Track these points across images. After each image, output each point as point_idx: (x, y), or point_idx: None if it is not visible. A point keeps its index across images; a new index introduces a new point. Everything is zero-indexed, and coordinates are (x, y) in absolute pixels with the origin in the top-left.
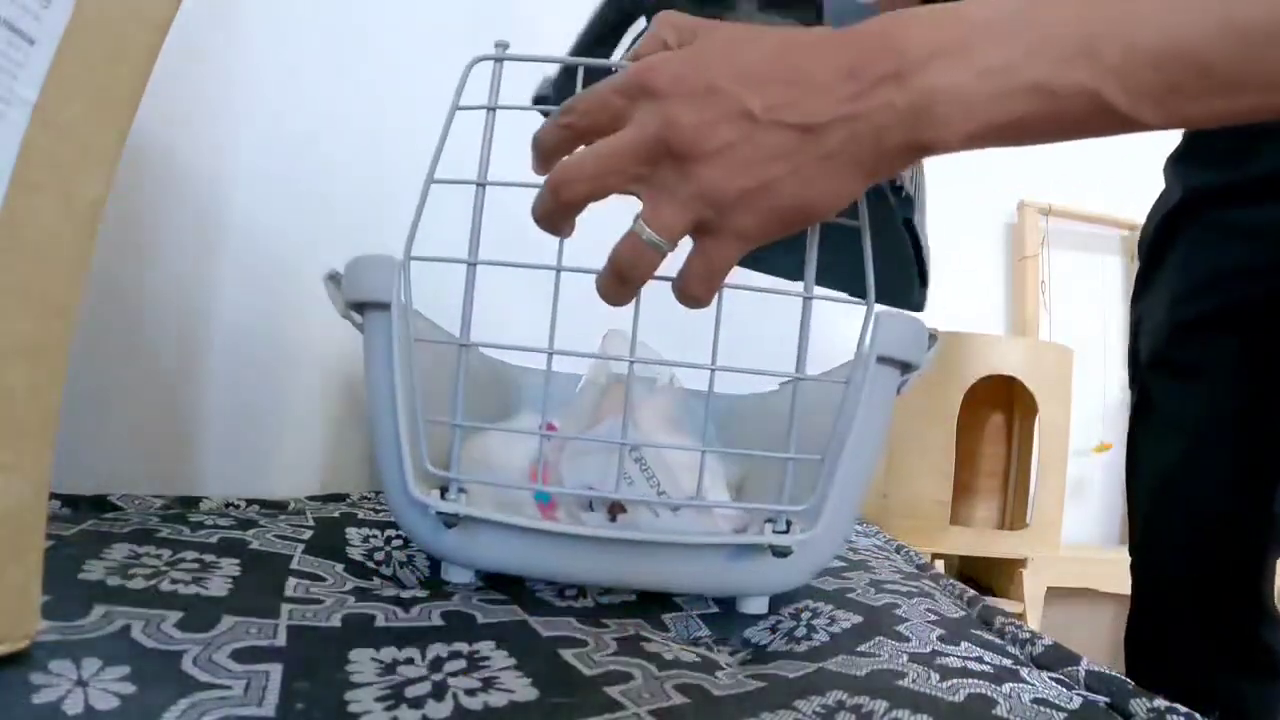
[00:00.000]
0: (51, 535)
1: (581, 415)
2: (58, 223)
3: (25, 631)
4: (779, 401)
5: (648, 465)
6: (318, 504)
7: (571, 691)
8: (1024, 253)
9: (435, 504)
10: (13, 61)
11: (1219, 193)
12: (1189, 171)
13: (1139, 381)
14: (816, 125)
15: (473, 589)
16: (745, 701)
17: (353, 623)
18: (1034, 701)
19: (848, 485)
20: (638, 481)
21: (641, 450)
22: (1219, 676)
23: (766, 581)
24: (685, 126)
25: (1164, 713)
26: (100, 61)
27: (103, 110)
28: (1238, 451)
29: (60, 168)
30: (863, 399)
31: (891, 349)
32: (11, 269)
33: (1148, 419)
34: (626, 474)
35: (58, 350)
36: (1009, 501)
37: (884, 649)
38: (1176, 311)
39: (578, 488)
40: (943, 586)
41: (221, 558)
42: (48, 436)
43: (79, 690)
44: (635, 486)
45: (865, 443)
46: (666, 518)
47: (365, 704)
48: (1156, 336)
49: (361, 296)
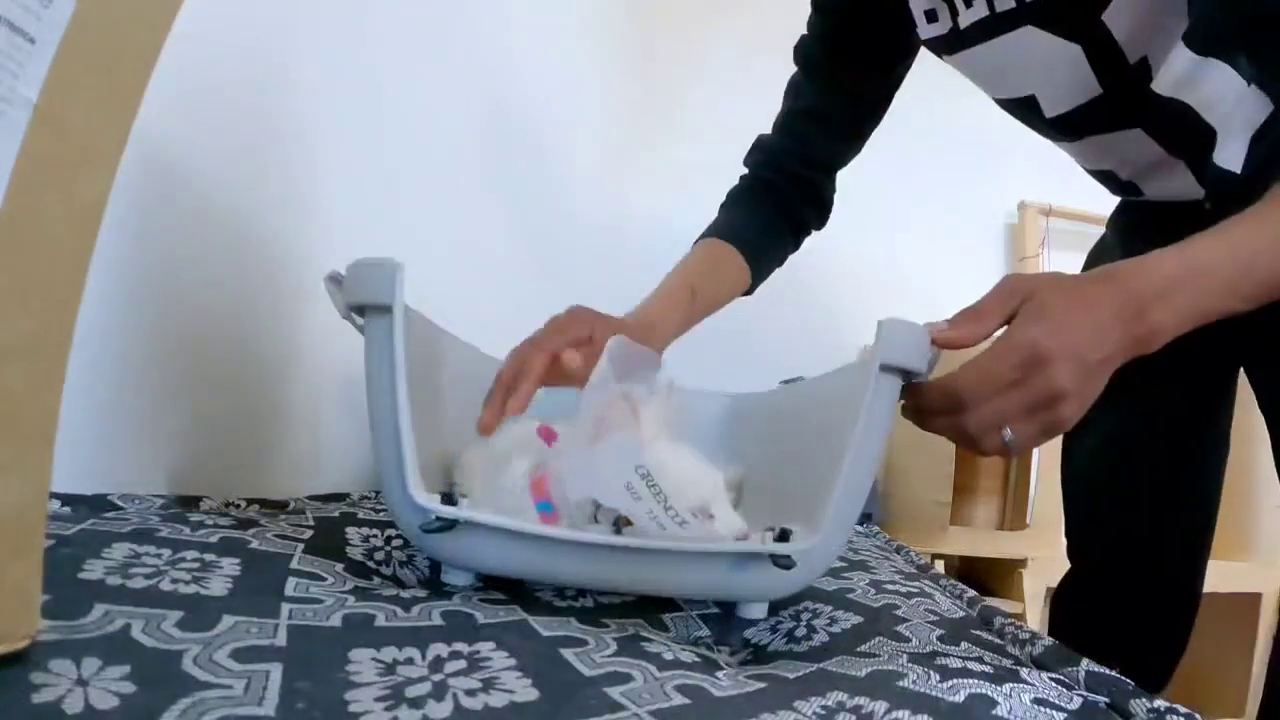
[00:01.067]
0: (51, 535)
1: (585, 428)
2: (58, 223)
3: (25, 631)
4: (778, 400)
5: (654, 481)
6: (318, 504)
7: (571, 691)
8: (1024, 253)
9: (435, 508)
10: (14, 61)
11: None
12: (1129, 239)
13: None
14: (1109, 358)
15: (473, 589)
16: (745, 702)
17: (353, 623)
18: (1034, 702)
19: (849, 492)
20: (644, 497)
21: (646, 465)
22: (1130, 637)
23: (767, 588)
24: (1068, 387)
25: (1164, 713)
26: (101, 61)
27: (103, 110)
28: (1157, 457)
29: (60, 168)
30: (865, 408)
31: (895, 357)
32: (11, 269)
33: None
34: (633, 489)
35: (58, 350)
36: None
37: (884, 649)
38: None
39: (582, 499)
40: (943, 587)
41: (221, 557)
42: (48, 436)
43: (79, 690)
44: (642, 501)
45: (866, 450)
46: (670, 525)
47: (365, 704)
48: None
49: (363, 299)
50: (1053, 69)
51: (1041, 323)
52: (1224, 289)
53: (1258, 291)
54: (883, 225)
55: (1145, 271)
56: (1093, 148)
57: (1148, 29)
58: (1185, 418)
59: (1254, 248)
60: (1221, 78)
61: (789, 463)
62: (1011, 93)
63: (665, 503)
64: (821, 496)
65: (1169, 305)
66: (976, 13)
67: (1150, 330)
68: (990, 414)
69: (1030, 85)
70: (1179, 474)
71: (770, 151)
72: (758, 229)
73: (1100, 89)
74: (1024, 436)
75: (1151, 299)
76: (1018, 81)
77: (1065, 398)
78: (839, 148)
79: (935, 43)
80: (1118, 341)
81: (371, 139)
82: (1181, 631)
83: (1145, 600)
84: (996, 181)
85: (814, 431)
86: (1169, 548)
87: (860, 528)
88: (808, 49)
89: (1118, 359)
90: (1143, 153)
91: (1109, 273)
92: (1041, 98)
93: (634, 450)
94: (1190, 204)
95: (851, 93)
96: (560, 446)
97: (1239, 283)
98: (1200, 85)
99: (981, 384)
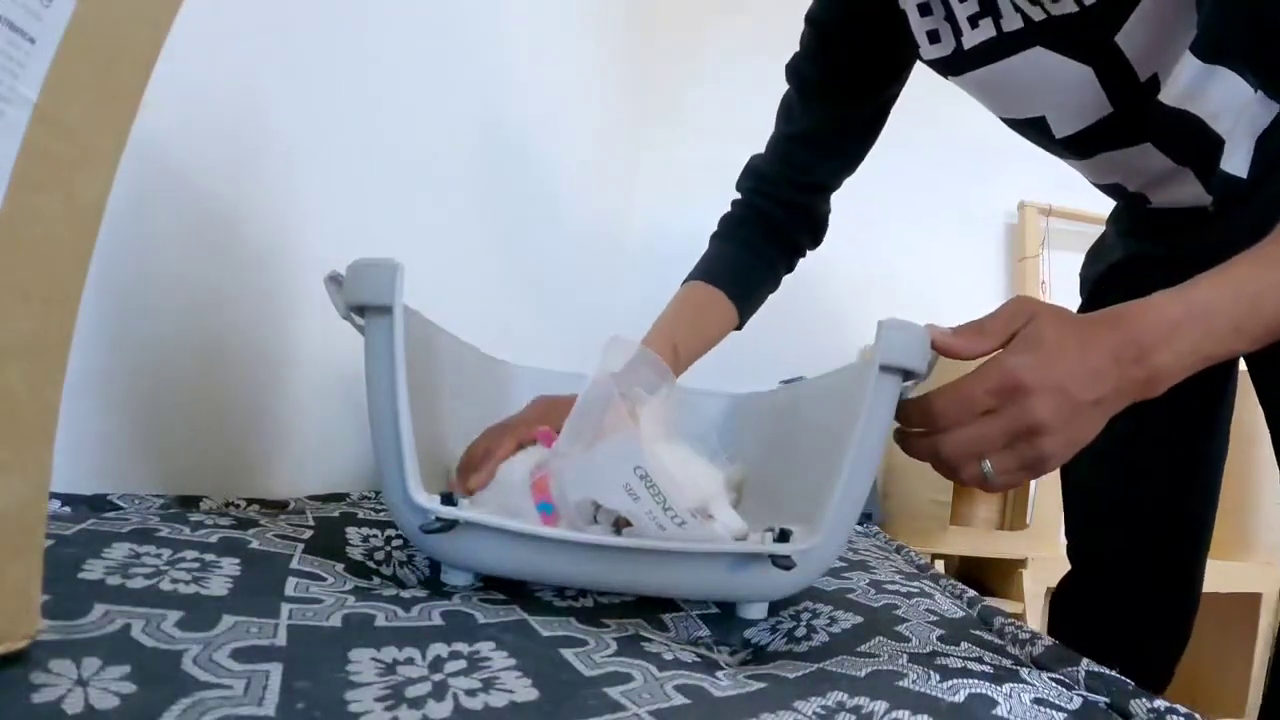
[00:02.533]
0: (51, 535)
1: (584, 429)
2: (58, 223)
3: (25, 631)
4: (778, 400)
5: (653, 482)
6: (318, 504)
7: (572, 691)
8: (1024, 253)
9: (435, 509)
10: (14, 60)
11: (1153, 260)
12: (1130, 239)
13: None
14: (1103, 400)
15: (473, 589)
16: (745, 702)
17: (353, 622)
18: (1034, 702)
19: (849, 493)
20: (643, 497)
21: (645, 466)
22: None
23: (767, 588)
24: (1047, 421)
25: (1164, 713)
26: (101, 61)
27: (103, 110)
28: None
29: (60, 168)
30: (865, 408)
31: (895, 357)
32: (11, 269)
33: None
34: (631, 489)
35: (58, 350)
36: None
37: (884, 649)
38: None
39: (582, 500)
40: (943, 587)
41: (221, 557)
42: (48, 436)
43: (79, 690)
44: (640, 502)
45: (866, 451)
46: (670, 525)
47: (365, 704)
48: None
49: (363, 299)
50: (1062, 90)
51: (1028, 353)
52: (1228, 331)
53: (1262, 333)
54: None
55: (1147, 314)
56: (1103, 164)
57: (1159, 45)
58: (1184, 415)
59: (1257, 289)
60: (1228, 86)
61: (789, 463)
62: (1020, 113)
63: (664, 503)
64: (821, 497)
65: (1171, 349)
66: (983, 34)
67: (1151, 374)
68: (966, 440)
69: (1039, 107)
70: (1177, 473)
71: (762, 177)
72: (745, 265)
73: (1111, 107)
74: (1002, 469)
75: (1152, 343)
76: (1026, 103)
77: (1045, 432)
78: (832, 170)
79: (938, 64)
80: (1114, 384)
81: (371, 139)
82: (1181, 631)
83: (1144, 600)
84: (996, 181)
85: (814, 432)
86: (1168, 548)
87: (860, 528)
88: (800, 67)
89: (1114, 402)
90: (1151, 165)
91: (1112, 315)
92: (1051, 119)
93: (633, 451)
94: (1192, 208)
95: (844, 114)
96: (560, 447)
97: (1243, 324)
98: (1208, 95)
99: (956, 404)
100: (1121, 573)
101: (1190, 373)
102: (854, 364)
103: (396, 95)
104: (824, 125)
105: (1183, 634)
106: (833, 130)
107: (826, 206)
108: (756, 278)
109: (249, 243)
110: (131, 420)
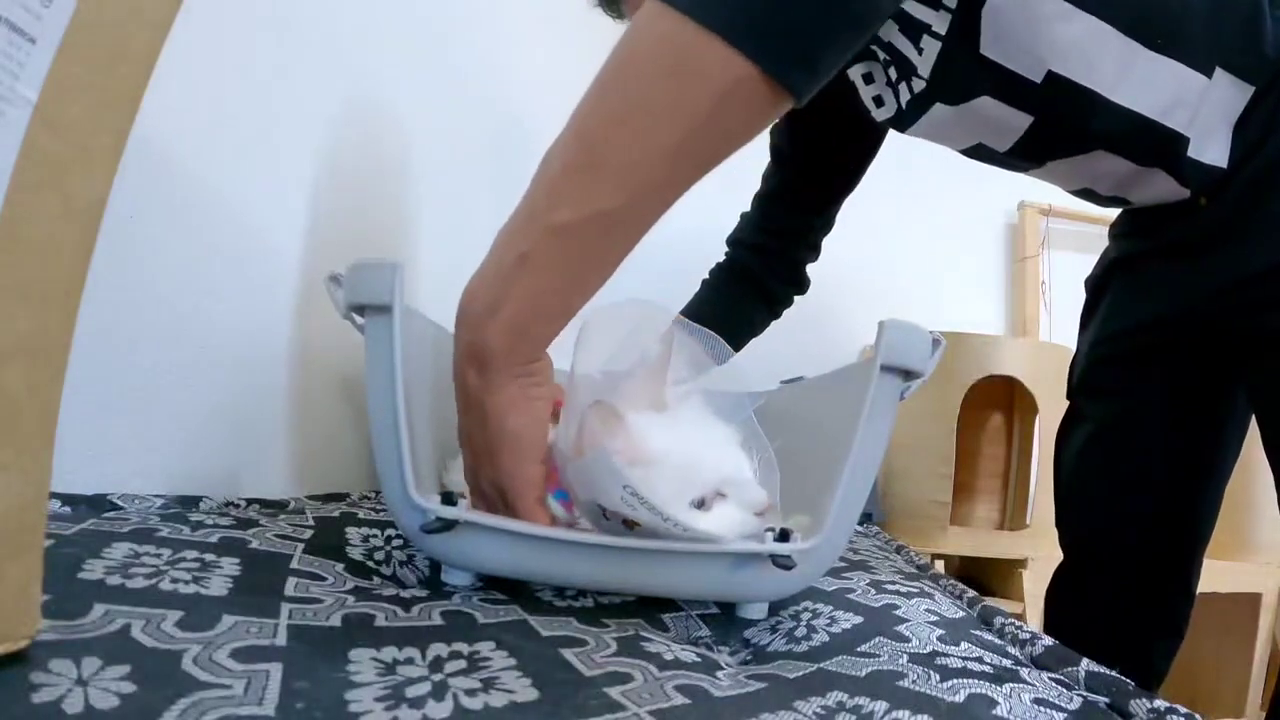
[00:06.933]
0: (51, 535)
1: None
2: (58, 223)
3: (25, 631)
4: (777, 400)
5: (644, 499)
6: (318, 504)
7: (572, 692)
8: (1024, 253)
9: (435, 509)
10: (13, 60)
11: (1142, 255)
12: (1121, 241)
13: (1071, 398)
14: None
15: (473, 589)
16: (745, 702)
17: (353, 622)
18: (1034, 702)
19: (850, 493)
20: (639, 508)
21: (631, 484)
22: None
23: (768, 588)
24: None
25: (1164, 713)
26: (101, 61)
27: (103, 110)
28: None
29: (60, 168)
30: (866, 408)
31: (896, 358)
32: (11, 269)
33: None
34: (628, 501)
35: (58, 350)
36: (1009, 502)
37: (884, 649)
38: (1094, 353)
39: (588, 501)
40: (943, 587)
41: (221, 557)
42: (48, 436)
43: (79, 690)
44: (638, 511)
45: (867, 451)
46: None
47: (365, 704)
48: (1081, 368)
49: (363, 299)
50: (978, 118)
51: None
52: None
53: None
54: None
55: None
56: (1063, 169)
57: (1027, 38)
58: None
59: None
60: (1176, 78)
61: (789, 463)
62: (961, 144)
63: (662, 515)
64: (822, 497)
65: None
66: (905, 94)
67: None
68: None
69: (974, 137)
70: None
71: (746, 232)
72: (724, 320)
73: (1031, 116)
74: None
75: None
76: (961, 139)
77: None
78: (811, 223)
79: (888, 124)
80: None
81: (371, 138)
82: (1175, 626)
83: (1135, 593)
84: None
85: (815, 432)
86: (1158, 541)
87: (860, 528)
88: (772, 137)
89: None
90: (1114, 169)
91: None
92: (988, 142)
93: (613, 472)
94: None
95: (819, 174)
96: (555, 441)
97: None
98: (1153, 89)
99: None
100: (1109, 563)
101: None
102: (854, 364)
103: (401, 94)
104: (799, 184)
105: (1177, 628)
106: (808, 187)
107: (813, 255)
108: (737, 330)
109: (249, 242)
110: (131, 420)
